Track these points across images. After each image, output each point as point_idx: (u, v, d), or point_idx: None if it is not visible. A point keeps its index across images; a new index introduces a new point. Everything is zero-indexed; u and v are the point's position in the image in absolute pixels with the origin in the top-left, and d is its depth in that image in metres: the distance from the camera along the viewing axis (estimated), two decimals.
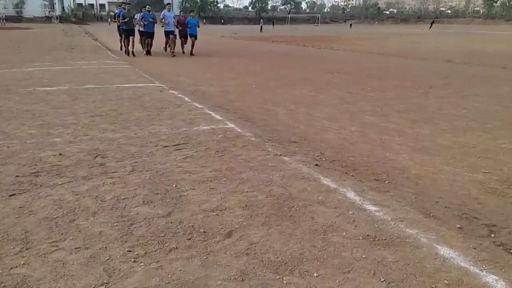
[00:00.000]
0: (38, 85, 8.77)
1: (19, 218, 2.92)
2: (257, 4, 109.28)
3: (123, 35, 16.65)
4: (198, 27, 17.27)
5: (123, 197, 3.25)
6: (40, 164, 3.96)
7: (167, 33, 16.57)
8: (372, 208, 3.08)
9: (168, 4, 17.54)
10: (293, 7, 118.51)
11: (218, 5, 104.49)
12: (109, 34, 30.30)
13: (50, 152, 4.33)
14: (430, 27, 58.20)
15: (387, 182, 3.85)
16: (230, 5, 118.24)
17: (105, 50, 18.78)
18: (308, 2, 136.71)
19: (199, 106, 6.90)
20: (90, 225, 2.81)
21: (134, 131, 5.22)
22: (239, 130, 5.40)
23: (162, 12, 16.56)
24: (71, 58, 14.78)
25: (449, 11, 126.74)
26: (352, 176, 3.89)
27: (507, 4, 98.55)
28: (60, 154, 4.26)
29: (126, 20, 15.61)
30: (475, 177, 4.03)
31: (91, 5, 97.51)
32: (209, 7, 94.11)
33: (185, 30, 16.85)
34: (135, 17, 16.59)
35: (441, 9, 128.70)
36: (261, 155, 4.35)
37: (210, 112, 6.42)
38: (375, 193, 3.43)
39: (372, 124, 6.19)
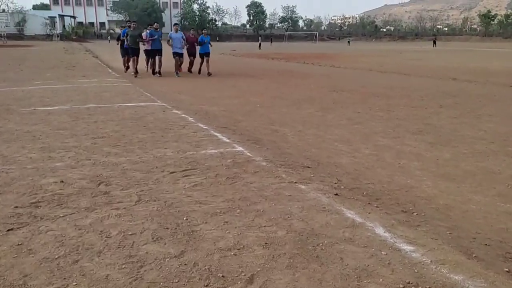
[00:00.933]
0: (39, 104, 8.53)
1: (17, 258, 2.63)
2: (255, 22, 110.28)
3: (126, 55, 15.91)
4: (211, 45, 16.39)
5: (130, 233, 2.96)
6: (40, 193, 3.68)
7: (174, 55, 15.52)
8: (406, 247, 2.79)
9: (176, 24, 16.96)
10: (290, 24, 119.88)
11: (216, 22, 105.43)
12: (109, 51, 30.32)
13: (51, 179, 4.05)
14: (434, 44, 58.28)
15: (415, 214, 3.57)
16: (228, 22, 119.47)
17: (105, 68, 18.63)
18: (305, 20, 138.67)
19: (204, 127, 6.65)
20: (96, 267, 2.51)
21: (138, 155, 4.95)
22: (248, 153, 5.13)
23: (169, 34, 15.70)
24: (72, 76, 14.60)
25: (446, 29, 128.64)
26: (377, 207, 3.61)
27: (504, 22, 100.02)
28: (62, 181, 3.98)
29: (133, 39, 14.80)
30: (509, 208, 3.75)
31: (92, 23, 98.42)
32: (207, 24, 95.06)
33: (194, 48, 16.09)
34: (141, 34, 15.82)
35: (438, 27, 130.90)
36: (275, 183, 4.07)
37: (216, 134, 6.16)
38: (406, 228, 3.15)
39: (387, 147, 5.93)
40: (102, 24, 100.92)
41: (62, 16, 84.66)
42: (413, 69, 19.84)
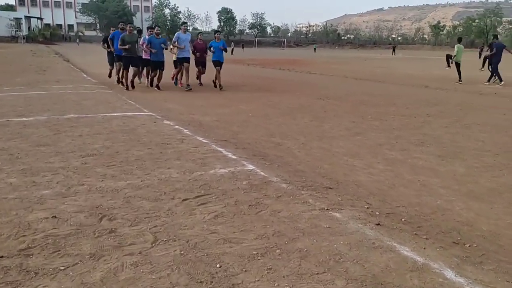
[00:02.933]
0: (12, 114, 7.73)
1: None
2: (225, 28, 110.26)
3: (118, 63, 12.50)
4: (225, 51, 13.46)
5: None
6: (29, 235, 3.03)
7: (180, 61, 12.62)
8: None
9: (185, 23, 13.80)
10: (259, 31, 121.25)
11: (188, 28, 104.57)
12: (80, 54, 29.13)
13: (40, 213, 3.41)
14: (394, 52, 60.81)
15: (467, 245, 3.17)
16: (199, 28, 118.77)
17: (79, 72, 17.69)
18: (273, 27, 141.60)
19: (204, 140, 6.10)
20: None
21: (139, 177, 4.35)
22: (262, 173, 4.63)
23: (176, 34, 12.68)
24: (45, 81, 13.65)
25: (400, 38, 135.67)
26: (426, 239, 3.19)
27: (452, 32, 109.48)
28: (54, 216, 3.34)
29: (127, 46, 11.72)
30: None
31: (59, 25, 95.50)
32: (178, 29, 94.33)
33: (203, 57, 13.28)
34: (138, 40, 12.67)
35: (393, 36, 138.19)
36: (305, 211, 3.59)
37: (220, 149, 5.63)
38: (473, 268, 2.74)
39: (398, 161, 5.58)
40: (71, 27, 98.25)
41: (28, 18, 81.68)
42: (385, 77, 19.90)
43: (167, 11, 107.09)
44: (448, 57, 18.46)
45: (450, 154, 5.99)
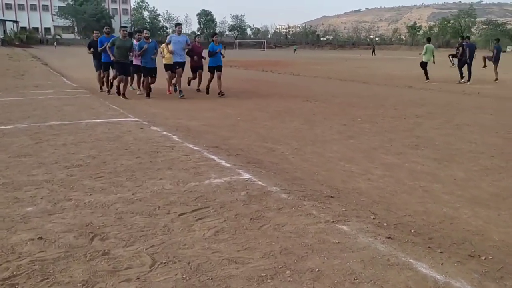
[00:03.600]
0: None
1: None
2: (205, 30, 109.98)
3: (107, 70, 11.82)
4: (223, 56, 12.41)
5: None
6: (14, 260, 2.74)
7: (173, 66, 11.52)
8: None
9: (179, 24, 12.06)
10: (239, 33, 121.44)
11: (168, 30, 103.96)
12: (59, 58, 28.41)
13: (24, 234, 3.12)
14: (374, 53, 61.56)
15: (483, 258, 3.03)
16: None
17: (59, 77, 17.15)
18: (253, 28, 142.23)
19: (195, 147, 5.86)
20: None
21: (130, 190, 4.09)
22: (260, 182, 4.42)
23: (169, 37, 11.65)
24: (23, 86, 13.15)
25: (378, 39, 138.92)
26: (440, 252, 3.03)
27: (428, 33, 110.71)
28: (40, 238, 3.06)
29: (112, 58, 10.73)
30: None
31: (36, 29, 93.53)
32: (158, 32, 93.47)
33: (201, 61, 12.44)
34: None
35: (371, 37, 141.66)
36: (310, 224, 3.39)
37: (212, 156, 5.40)
38: (496, 285, 2.59)
39: (396, 166, 5.45)
40: (47, 30, 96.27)
41: (3, 21, 79.62)
42: (368, 77, 19.96)
43: (146, 13, 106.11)
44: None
45: (446, 157, 5.90)
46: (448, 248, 3.17)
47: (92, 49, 12.20)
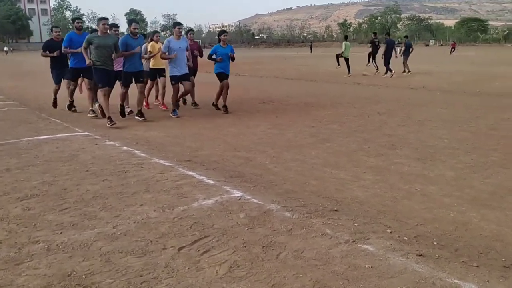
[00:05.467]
0: None
1: None
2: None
3: (74, 82, 9.15)
4: (233, 60, 9.46)
5: None
6: None
7: (177, 79, 8.78)
8: None
9: (179, 24, 9.07)
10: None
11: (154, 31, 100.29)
12: None
13: None
14: (311, 50, 63.34)
15: None
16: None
17: None
18: (186, 28, 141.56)
19: (166, 163, 5.27)
20: None
21: (109, 222, 3.46)
22: (254, 200, 3.97)
23: (166, 41, 8.73)
24: None
25: (310, 36, 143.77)
26: (476, 266, 2.80)
27: (358, 29, 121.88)
28: None
29: (91, 59, 7.66)
30: None
31: None
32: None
33: (196, 65, 10.34)
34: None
35: (303, 34, 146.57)
36: (331, 247, 3.01)
37: (190, 173, 4.85)
38: None
39: (383, 169, 5.25)
40: None
41: None
42: (313, 75, 20.12)
43: (68, 13, 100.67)
44: (338, 56, 19.99)
45: (427, 156, 5.79)
46: (479, 259, 2.93)
47: (48, 52, 9.05)
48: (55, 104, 9.62)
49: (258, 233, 3.22)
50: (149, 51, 9.11)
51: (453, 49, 48.52)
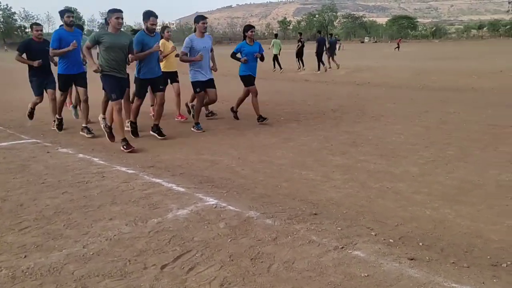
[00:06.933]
0: None
1: None
2: None
3: (63, 93, 7.20)
4: (262, 59, 8.16)
5: None
6: None
7: (202, 86, 7.41)
8: None
9: (203, 19, 7.47)
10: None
11: (27, 30, 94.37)
12: None
13: None
14: None
15: (504, 265, 2.88)
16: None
17: None
18: (125, 26, 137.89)
19: (129, 170, 4.96)
20: None
21: (77, 241, 3.15)
22: (230, 207, 3.80)
23: (188, 38, 7.35)
24: None
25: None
26: (467, 267, 2.82)
27: (297, 27, 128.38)
28: None
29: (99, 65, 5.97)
30: None
31: None
32: (15, 32, 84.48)
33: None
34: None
35: None
36: (320, 255, 2.92)
37: (156, 180, 4.59)
38: None
39: (350, 167, 5.27)
40: None
41: None
42: (261, 73, 20.10)
43: None
44: (275, 58, 20.88)
45: (388, 153, 5.90)
46: (467, 259, 2.96)
47: (25, 55, 7.22)
48: (31, 115, 7.85)
49: (242, 244, 3.07)
50: (160, 50, 7.12)
51: (397, 47, 50.20)
